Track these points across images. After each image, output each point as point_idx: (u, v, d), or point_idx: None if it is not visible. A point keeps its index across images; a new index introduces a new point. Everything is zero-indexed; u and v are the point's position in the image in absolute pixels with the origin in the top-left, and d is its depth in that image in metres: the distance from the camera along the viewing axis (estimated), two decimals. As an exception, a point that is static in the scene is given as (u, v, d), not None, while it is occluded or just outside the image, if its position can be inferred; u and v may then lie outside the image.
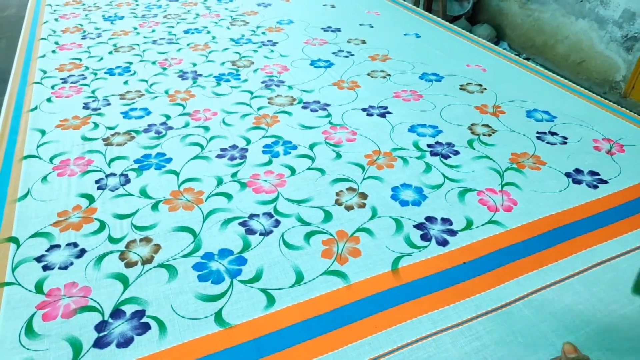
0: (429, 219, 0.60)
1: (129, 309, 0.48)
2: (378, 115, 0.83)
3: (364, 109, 0.85)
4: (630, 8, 2.25)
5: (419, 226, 0.59)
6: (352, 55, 1.07)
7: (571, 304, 0.49)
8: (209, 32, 1.19)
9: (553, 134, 0.78)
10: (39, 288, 0.50)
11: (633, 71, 2.28)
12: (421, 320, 0.47)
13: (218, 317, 0.48)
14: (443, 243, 0.57)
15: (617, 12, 2.31)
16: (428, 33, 1.20)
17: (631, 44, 2.28)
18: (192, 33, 1.18)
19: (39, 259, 0.54)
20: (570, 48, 2.60)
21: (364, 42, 1.14)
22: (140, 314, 0.48)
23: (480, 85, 0.94)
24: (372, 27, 1.24)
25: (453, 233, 0.58)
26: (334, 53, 1.07)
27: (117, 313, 0.48)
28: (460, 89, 0.92)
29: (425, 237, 0.57)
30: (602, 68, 2.45)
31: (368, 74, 0.98)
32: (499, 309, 0.49)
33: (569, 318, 0.48)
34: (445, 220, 0.60)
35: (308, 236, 0.57)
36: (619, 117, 0.83)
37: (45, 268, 0.53)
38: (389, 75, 0.98)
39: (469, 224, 0.59)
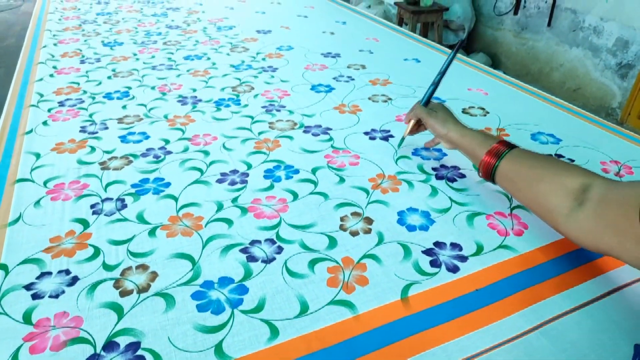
0: (438, 244, 0.58)
1: (123, 340, 0.45)
2: (381, 138, 0.82)
3: (366, 133, 0.83)
4: (623, 36, 2.29)
5: (427, 252, 0.57)
6: (353, 80, 1.06)
7: (591, 332, 0.46)
8: (208, 58, 1.19)
9: (560, 156, 0.77)
10: (27, 318, 0.47)
11: (628, 98, 2.30)
12: (435, 352, 0.45)
13: (218, 349, 0.45)
14: (453, 269, 0.54)
15: (611, 40, 2.35)
16: (428, 58, 1.20)
17: (625, 72, 2.31)
18: (192, 59, 1.18)
19: (28, 287, 0.51)
20: (565, 75, 2.64)
21: (364, 67, 1.14)
22: (135, 346, 0.45)
23: (483, 108, 0.93)
24: (372, 52, 1.24)
25: (463, 259, 0.56)
26: (334, 78, 1.07)
27: (110, 345, 0.45)
28: (463, 112, 0.91)
29: (434, 264, 0.55)
30: (597, 95, 2.48)
31: (369, 98, 0.97)
32: (517, 338, 0.46)
33: (590, 347, 0.45)
34: (454, 246, 0.58)
35: (312, 263, 0.55)
36: (624, 139, 0.82)
37: (35, 297, 0.50)
38: (390, 99, 0.97)
39: (480, 249, 0.57)
